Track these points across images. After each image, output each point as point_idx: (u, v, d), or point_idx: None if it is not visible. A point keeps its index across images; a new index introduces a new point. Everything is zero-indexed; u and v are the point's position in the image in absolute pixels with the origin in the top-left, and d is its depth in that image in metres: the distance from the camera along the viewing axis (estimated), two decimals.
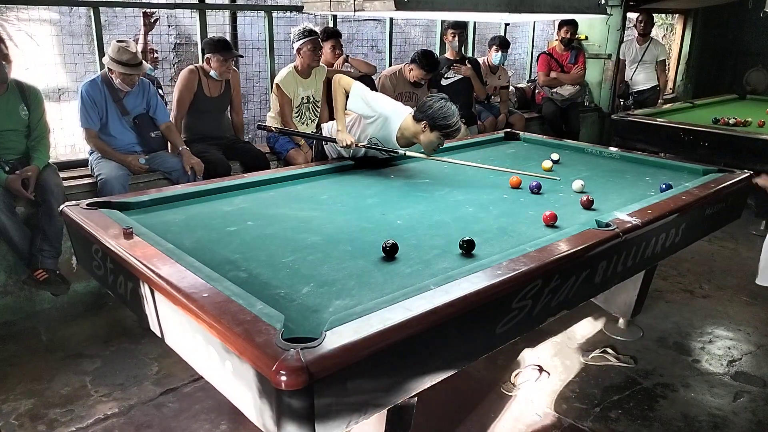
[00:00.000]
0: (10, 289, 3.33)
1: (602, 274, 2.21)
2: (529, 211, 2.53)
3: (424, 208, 2.56)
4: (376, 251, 2.02)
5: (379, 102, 3.13)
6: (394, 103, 3.20)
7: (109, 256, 2.01)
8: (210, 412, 2.57)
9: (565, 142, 4.01)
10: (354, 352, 1.38)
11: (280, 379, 1.27)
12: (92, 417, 2.55)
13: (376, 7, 2.57)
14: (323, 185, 2.91)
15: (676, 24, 8.54)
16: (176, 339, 1.80)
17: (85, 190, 3.47)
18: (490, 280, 1.74)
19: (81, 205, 2.34)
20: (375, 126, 3.10)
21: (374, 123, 3.10)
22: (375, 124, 3.10)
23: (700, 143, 4.71)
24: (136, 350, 3.05)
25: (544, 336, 3.19)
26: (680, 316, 3.50)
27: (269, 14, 4.51)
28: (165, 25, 5.18)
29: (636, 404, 2.68)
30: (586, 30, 6.74)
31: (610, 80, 6.81)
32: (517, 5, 2.90)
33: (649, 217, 2.34)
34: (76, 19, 4.49)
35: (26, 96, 3.28)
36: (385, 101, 3.18)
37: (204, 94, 3.97)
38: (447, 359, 1.69)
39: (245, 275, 1.84)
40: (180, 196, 2.59)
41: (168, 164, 3.67)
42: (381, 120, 3.08)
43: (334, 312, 1.60)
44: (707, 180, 2.91)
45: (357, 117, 3.21)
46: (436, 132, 2.93)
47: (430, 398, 2.53)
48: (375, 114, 3.08)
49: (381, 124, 3.09)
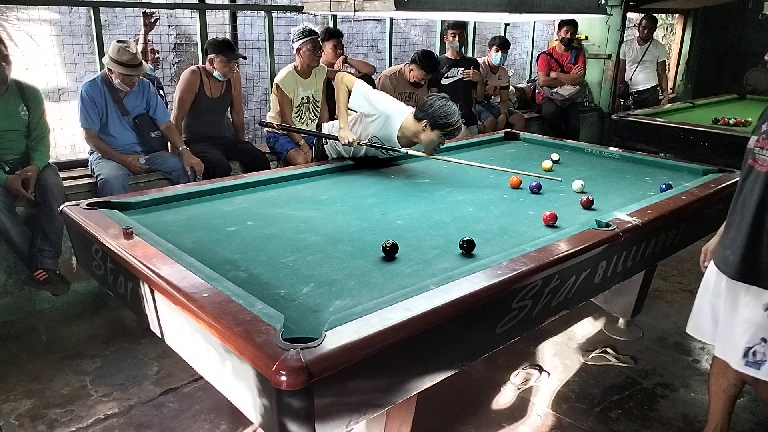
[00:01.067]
0: (10, 289, 3.33)
1: (602, 274, 2.21)
2: (529, 211, 2.53)
3: (424, 208, 2.56)
4: (376, 251, 2.02)
5: (380, 101, 3.13)
6: (396, 102, 3.21)
7: (109, 256, 2.01)
8: (210, 412, 2.57)
9: (565, 142, 4.01)
10: (354, 352, 1.38)
11: (280, 379, 1.27)
12: (92, 417, 2.55)
13: (376, 7, 2.57)
14: (323, 185, 2.91)
15: (676, 24, 8.54)
16: (176, 339, 1.80)
17: (85, 190, 3.47)
18: (490, 280, 1.74)
19: (81, 205, 2.34)
20: (376, 125, 3.10)
21: (375, 121, 3.10)
22: (376, 122, 3.10)
23: (700, 143, 4.71)
24: (136, 350, 3.05)
25: (544, 336, 3.19)
26: (680, 316, 3.49)
27: (269, 14, 4.51)
28: (165, 25, 5.19)
29: (636, 404, 2.68)
30: (586, 30, 6.74)
31: (610, 80, 6.81)
32: (517, 5, 2.89)
33: (649, 217, 2.34)
34: (76, 19, 4.50)
35: (26, 96, 3.27)
36: (387, 100, 3.19)
37: (205, 95, 3.97)
38: (447, 359, 1.69)
39: (245, 275, 1.84)
40: (180, 196, 2.59)
41: (168, 164, 3.67)
42: (382, 119, 3.08)
43: (334, 312, 1.60)
44: (707, 180, 2.91)
45: (359, 116, 3.21)
46: (437, 131, 2.94)
47: (430, 398, 2.53)
48: (376, 112, 3.08)
49: (382, 123, 3.09)
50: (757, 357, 2.05)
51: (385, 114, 3.08)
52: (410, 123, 3.01)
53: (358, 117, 3.21)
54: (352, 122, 3.21)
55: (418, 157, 3.16)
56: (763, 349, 2.04)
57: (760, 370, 2.06)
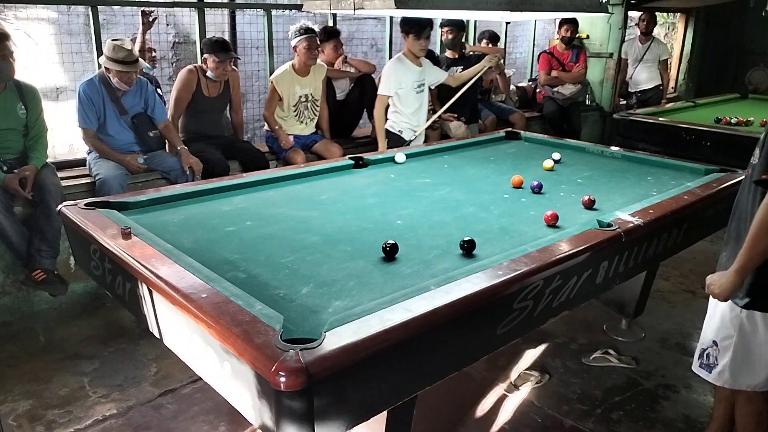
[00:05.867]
0: (8, 290, 3.32)
1: (604, 275, 2.19)
2: (530, 211, 2.52)
3: (424, 208, 2.54)
4: (376, 251, 2.01)
5: (387, 80, 4.17)
6: (386, 75, 4.20)
7: (107, 256, 1.99)
8: (209, 413, 2.55)
9: (566, 141, 3.99)
10: (353, 353, 1.36)
11: (279, 380, 1.26)
12: (90, 418, 2.53)
13: (375, 6, 2.55)
14: (323, 185, 2.89)
15: (678, 23, 8.53)
16: (175, 340, 1.78)
17: (84, 190, 3.45)
18: (491, 281, 1.72)
19: (79, 204, 2.33)
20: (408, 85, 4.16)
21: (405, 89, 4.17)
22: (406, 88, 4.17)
23: (702, 143, 4.70)
24: (134, 351, 3.04)
25: (545, 337, 3.18)
26: (682, 316, 3.48)
27: (268, 13, 4.49)
28: (164, 24, 5.18)
29: (638, 405, 2.66)
30: (587, 28, 6.72)
31: (611, 79, 6.80)
32: (517, 3, 2.87)
33: (651, 217, 2.33)
34: (75, 18, 4.49)
35: (24, 95, 3.26)
36: (385, 79, 4.18)
37: (203, 94, 3.95)
38: (447, 360, 1.67)
39: (244, 276, 1.83)
40: (178, 196, 2.57)
41: (166, 164, 3.66)
42: (396, 78, 4.12)
43: (334, 313, 1.59)
44: (709, 180, 2.89)
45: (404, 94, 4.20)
46: (411, 36, 4.02)
47: (431, 399, 2.52)
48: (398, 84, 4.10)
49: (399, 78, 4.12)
50: (709, 360, 2.05)
51: (391, 75, 4.13)
52: (405, 51, 4.09)
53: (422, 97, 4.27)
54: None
55: (420, 155, 3.14)
56: (714, 353, 2.03)
57: (710, 374, 2.06)
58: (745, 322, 1.94)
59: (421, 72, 4.27)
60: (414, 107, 4.28)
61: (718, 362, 2.02)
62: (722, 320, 2.00)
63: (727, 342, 1.99)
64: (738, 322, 1.95)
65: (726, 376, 2.01)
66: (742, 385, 2.01)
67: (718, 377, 2.04)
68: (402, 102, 4.25)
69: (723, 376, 2.02)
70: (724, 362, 2.00)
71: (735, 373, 2.00)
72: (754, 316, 1.93)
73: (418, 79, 4.25)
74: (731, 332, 1.97)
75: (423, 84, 4.30)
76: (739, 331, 1.95)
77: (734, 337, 1.96)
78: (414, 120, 4.32)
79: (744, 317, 1.94)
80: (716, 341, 2.03)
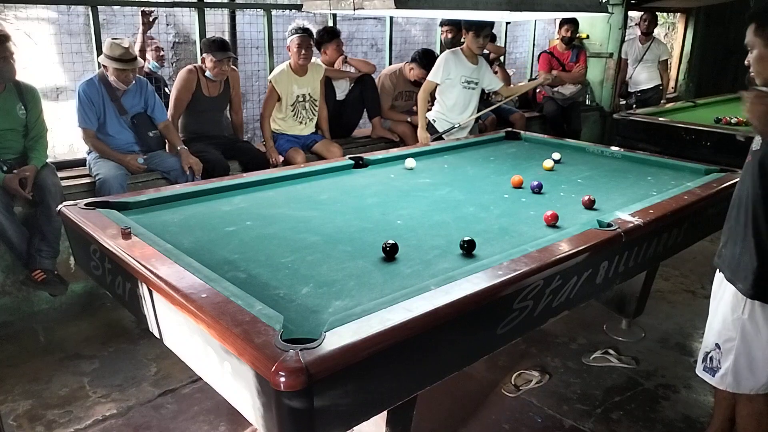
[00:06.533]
0: (8, 290, 3.32)
1: (604, 275, 2.19)
2: (530, 211, 2.51)
3: (424, 208, 2.54)
4: (376, 251, 2.01)
5: (437, 68, 4.22)
6: (437, 64, 4.26)
7: (107, 256, 1.99)
8: (209, 413, 2.55)
9: (566, 141, 3.99)
10: (354, 353, 1.36)
11: (279, 380, 1.26)
12: (90, 418, 2.53)
13: (375, 6, 2.56)
14: (323, 185, 2.89)
15: (678, 23, 8.53)
16: (175, 340, 1.78)
17: (83, 190, 3.45)
18: (491, 281, 1.72)
19: (79, 205, 2.33)
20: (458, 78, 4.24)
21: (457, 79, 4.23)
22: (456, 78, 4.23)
23: (702, 143, 4.69)
24: (134, 351, 3.04)
25: (545, 337, 3.18)
26: (682, 316, 3.48)
27: (268, 12, 4.49)
28: (164, 24, 5.18)
29: (638, 405, 2.66)
30: (587, 29, 6.72)
31: (611, 79, 6.80)
32: (517, 3, 2.88)
33: (651, 217, 2.33)
34: (75, 17, 4.49)
35: (24, 95, 3.26)
36: (436, 67, 4.23)
37: (202, 94, 3.95)
38: (447, 360, 1.67)
39: (244, 276, 1.83)
40: (178, 196, 2.57)
41: (166, 164, 3.66)
42: (452, 65, 4.22)
43: (334, 313, 1.59)
44: (709, 179, 2.89)
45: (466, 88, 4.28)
46: (471, 33, 4.11)
47: (431, 399, 2.52)
48: (446, 74, 4.19)
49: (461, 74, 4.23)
50: (713, 363, 2.04)
51: (446, 66, 4.20)
52: (464, 47, 4.20)
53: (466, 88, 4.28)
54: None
55: (420, 155, 3.13)
56: (717, 356, 2.02)
57: (714, 377, 2.05)
58: (747, 324, 1.93)
59: (475, 70, 4.30)
60: (455, 101, 4.31)
61: (721, 365, 2.01)
62: (724, 322, 1.99)
63: (729, 344, 1.98)
64: (740, 324, 1.94)
65: (729, 379, 2.00)
66: (745, 389, 2.00)
67: (721, 381, 2.03)
68: (444, 93, 4.29)
69: (726, 379, 2.01)
70: (726, 365, 1.99)
71: (737, 377, 1.98)
72: (755, 317, 1.92)
73: (469, 76, 4.27)
74: (733, 335, 1.96)
75: (475, 82, 4.32)
76: (741, 333, 1.94)
77: (736, 340, 1.96)
78: (452, 114, 4.34)
79: (746, 319, 1.92)
80: (718, 344, 2.02)
